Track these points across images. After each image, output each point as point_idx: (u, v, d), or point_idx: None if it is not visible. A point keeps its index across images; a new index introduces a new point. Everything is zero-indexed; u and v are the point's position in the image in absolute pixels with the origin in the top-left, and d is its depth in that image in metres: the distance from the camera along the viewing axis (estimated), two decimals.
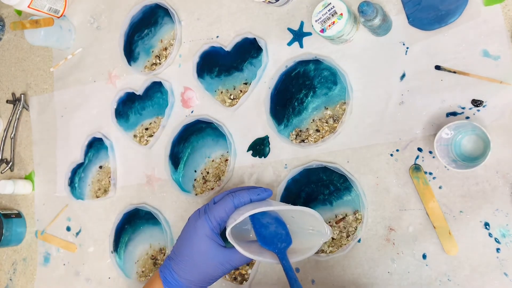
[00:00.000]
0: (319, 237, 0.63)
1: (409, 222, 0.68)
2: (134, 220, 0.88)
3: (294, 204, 0.73)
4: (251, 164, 0.79)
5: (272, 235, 0.62)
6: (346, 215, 0.71)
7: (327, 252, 0.72)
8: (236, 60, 0.81)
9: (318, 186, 0.74)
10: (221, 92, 0.82)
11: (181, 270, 0.63)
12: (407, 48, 0.70)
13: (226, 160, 0.81)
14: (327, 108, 0.74)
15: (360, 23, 0.71)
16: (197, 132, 0.84)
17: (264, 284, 0.76)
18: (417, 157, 0.68)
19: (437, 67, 0.67)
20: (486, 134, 0.60)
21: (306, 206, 0.63)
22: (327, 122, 0.74)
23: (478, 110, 0.65)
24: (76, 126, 0.97)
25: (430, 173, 0.67)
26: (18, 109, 1.04)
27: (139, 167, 0.89)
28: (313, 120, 0.75)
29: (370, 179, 0.71)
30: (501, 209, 0.63)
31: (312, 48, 0.76)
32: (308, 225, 0.64)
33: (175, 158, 0.85)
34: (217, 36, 0.84)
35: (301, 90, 0.76)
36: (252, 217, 0.62)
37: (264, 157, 0.78)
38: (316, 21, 0.68)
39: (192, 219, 0.65)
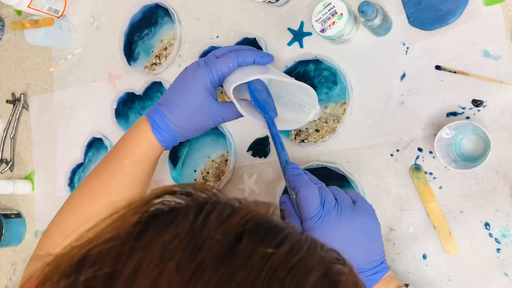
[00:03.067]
0: (307, 114, 0.67)
1: (409, 222, 0.68)
2: None
3: None
4: (251, 164, 0.79)
5: (264, 101, 0.64)
6: None
7: None
8: None
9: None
10: (221, 92, 0.82)
11: (173, 117, 0.63)
12: (407, 48, 0.69)
13: (226, 160, 0.81)
14: (327, 108, 0.74)
15: (360, 23, 0.71)
16: None
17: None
18: (417, 157, 0.68)
19: (437, 67, 0.67)
20: (486, 134, 0.60)
21: None
22: (327, 122, 0.74)
23: (479, 110, 0.65)
24: (76, 126, 0.97)
25: (430, 173, 0.67)
26: (18, 109, 1.03)
27: None
28: (313, 120, 0.75)
29: (370, 179, 0.71)
30: (501, 209, 0.63)
31: (312, 48, 0.76)
32: (298, 100, 0.67)
33: (174, 156, 0.85)
34: (217, 36, 0.84)
35: None
36: (249, 82, 0.62)
37: (264, 157, 0.78)
38: (316, 21, 0.68)
39: (190, 69, 0.63)
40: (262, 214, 0.31)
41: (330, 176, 0.73)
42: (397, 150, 0.69)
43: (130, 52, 0.92)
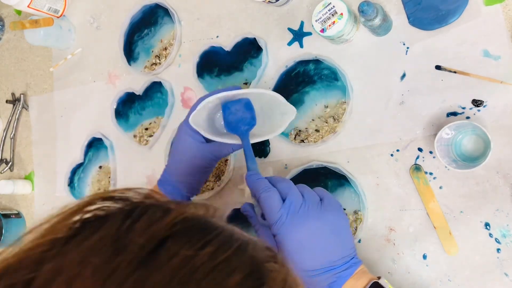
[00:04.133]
0: (287, 118, 0.68)
1: (410, 222, 0.68)
2: None
3: None
4: None
5: (238, 120, 0.67)
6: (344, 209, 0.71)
7: None
8: (236, 60, 0.81)
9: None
10: None
11: (173, 171, 0.68)
12: (407, 48, 0.69)
13: (226, 160, 0.81)
14: (327, 107, 0.74)
15: (360, 23, 0.71)
16: None
17: None
18: (418, 157, 0.68)
19: (437, 67, 0.67)
20: (487, 134, 0.60)
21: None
22: (327, 122, 0.74)
23: (479, 110, 0.65)
24: (76, 126, 0.97)
25: (431, 173, 0.67)
26: (18, 109, 1.03)
27: (139, 167, 0.89)
28: (313, 119, 0.75)
29: (370, 179, 0.70)
30: (502, 209, 0.63)
31: (312, 48, 0.76)
32: (279, 109, 0.69)
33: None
34: (217, 36, 0.84)
35: (300, 85, 0.76)
36: (224, 107, 0.67)
37: (264, 157, 0.78)
38: (316, 21, 0.68)
39: (176, 131, 0.70)
40: (195, 216, 0.31)
41: (330, 176, 0.73)
42: (397, 150, 0.69)
43: (130, 52, 0.92)
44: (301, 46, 0.76)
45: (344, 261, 0.55)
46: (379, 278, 0.56)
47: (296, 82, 0.76)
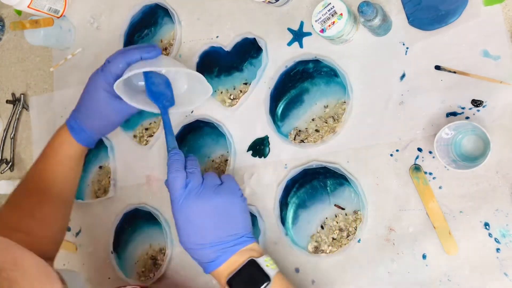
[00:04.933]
0: (202, 96, 0.77)
1: (409, 222, 0.68)
2: (134, 220, 0.88)
3: None
4: (251, 164, 0.79)
5: (160, 93, 0.74)
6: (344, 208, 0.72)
7: (327, 252, 0.72)
8: (236, 60, 0.81)
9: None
10: (221, 92, 0.82)
11: (85, 119, 0.77)
12: (407, 48, 0.70)
13: (226, 160, 0.81)
14: (327, 107, 0.74)
15: (360, 23, 0.71)
16: (193, 131, 0.84)
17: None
18: (417, 157, 0.68)
19: (437, 67, 0.67)
20: (486, 134, 0.60)
21: (307, 201, 0.67)
22: (326, 122, 0.74)
23: (478, 110, 0.65)
24: None
25: (430, 173, 0.67)
26: (18, 109, 1.04)
27: (138, 167, 0.89)
28: (313, 119, 0.75)
29: (370, 179, 0.71)
30: (501, 209, 0.63)
31: (312, 48, 0.76)
32: (196, 86, 0.77)
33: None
34: (217, 36, 0.84)
35: (298, 81, 0.76)
36: (146, 75, 0.73)
37: (264, 157, 0.78)
38: (316, 21, 0.68)
39: (91, 77, 0.75)
40: None
41: (330, 176, 0.73)
42: (397, 150, 0.69)
43: None
44: (301, 46, 0.76)
45: (231, 239, 0.63)
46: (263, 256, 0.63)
47: (295, 79, 0.76)
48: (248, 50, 0.80)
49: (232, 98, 0.81)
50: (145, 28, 0.91)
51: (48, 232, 0.78)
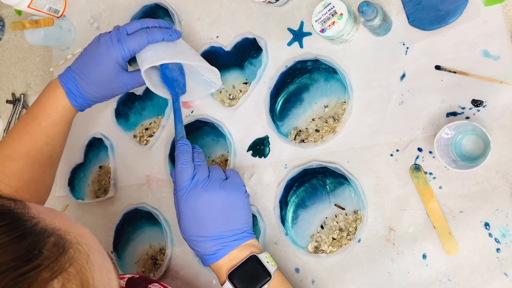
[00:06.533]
0: (212, 88, 0.79)
1: (409, 222, 0.68)
2: (134, 220, 0.88)
3: None
4: (251, 164, 0.79)
5: (174, 79, 0.74)
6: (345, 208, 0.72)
7: (327, 252, 0.72)
8: (236, 60, 0.81)
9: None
10: (221, 92, 0.82)
11: (86, 85, 0.73)
12: (407, 48, 0.70)
13: (226, 160, 0.81)
14: (327, 107, 0.74)
15: (360, 23, 0.71)
16: (193, 131, 0.84)
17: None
18: (417, 157, 0.68)
19: (437, 67, 0.67)
20: (486, 134, 0.60)
21: (307, 201, 0.69)
22: (327, 122, 0.74)
23: (478, 110, 0.65)
24: (76, 126, 0.96)
25: (430, 173, 0.67)
26: (18, 109, 1.03)
27: (139, 167, 0.89)
28: (313, 119, 0.75)
29: (370, 179, 0.71)
30: (501, 209, 0.63)
31: (312, 48, 0.76)
32: (206, 75, 0.78)
33: (174, 157, 0.85)
34: (217, 36, 0.84)
35: (296, 77, 0.76)
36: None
37: (264, 157, 0.78)
38: (316, 21, 0.68)
39: (103, 43, 0.71)
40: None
41: (330, 176, 0.73)
42: (397, 150, 0.69)
43: None
44: (301, 46, 0.76)
45: (233, 233, 0.64)
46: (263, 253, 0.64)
47: (293, 75, 0.76)
48: (248, 50, 0.80)
49: (231, 98, 0.81)
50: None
51: (35, 194, 0.76)
